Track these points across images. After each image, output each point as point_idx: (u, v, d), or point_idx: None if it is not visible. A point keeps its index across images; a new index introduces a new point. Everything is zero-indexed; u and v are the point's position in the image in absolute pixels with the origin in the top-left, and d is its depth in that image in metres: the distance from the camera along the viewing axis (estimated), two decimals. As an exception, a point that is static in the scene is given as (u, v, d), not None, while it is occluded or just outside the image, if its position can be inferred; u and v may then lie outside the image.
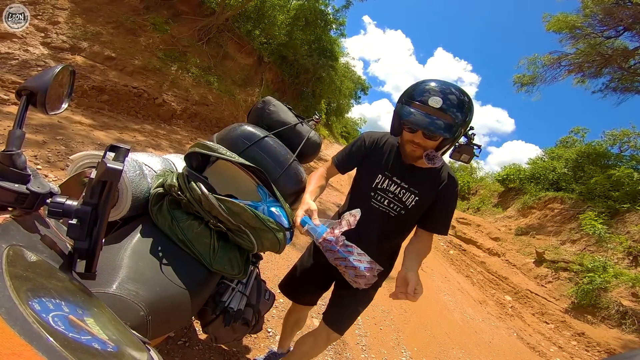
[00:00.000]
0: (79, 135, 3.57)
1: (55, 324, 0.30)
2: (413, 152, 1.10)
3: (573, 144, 11.64)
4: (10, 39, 4.59)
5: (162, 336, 0.90)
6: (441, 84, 1.02)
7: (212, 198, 0.94)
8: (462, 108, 1.00)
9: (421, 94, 1.01)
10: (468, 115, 1.02)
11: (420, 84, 1.05)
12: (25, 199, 0.45)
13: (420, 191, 1.16)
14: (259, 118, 1.33)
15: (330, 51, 13.87)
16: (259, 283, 1.29)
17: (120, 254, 0.81)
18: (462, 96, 1.01)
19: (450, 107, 0.98)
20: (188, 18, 7.92)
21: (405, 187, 1.17)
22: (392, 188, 1.19)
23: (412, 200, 1.18)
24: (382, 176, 1.19)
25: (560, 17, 9.13)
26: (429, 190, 1.16)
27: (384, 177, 1.19)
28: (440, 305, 3.95)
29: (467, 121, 1.03)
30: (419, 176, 1.16)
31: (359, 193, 1.28)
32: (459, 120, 1.00)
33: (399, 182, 1.18)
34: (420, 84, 1.05)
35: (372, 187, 1.21)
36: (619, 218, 6.64)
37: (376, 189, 1.21)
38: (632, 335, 4.25)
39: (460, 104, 1.00)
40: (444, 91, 0.99)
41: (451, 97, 0.99)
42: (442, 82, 1.03)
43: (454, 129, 0.99)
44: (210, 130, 7.15)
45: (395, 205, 1.20)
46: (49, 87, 0.50)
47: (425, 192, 1.16)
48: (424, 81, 1.06)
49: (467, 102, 1.02)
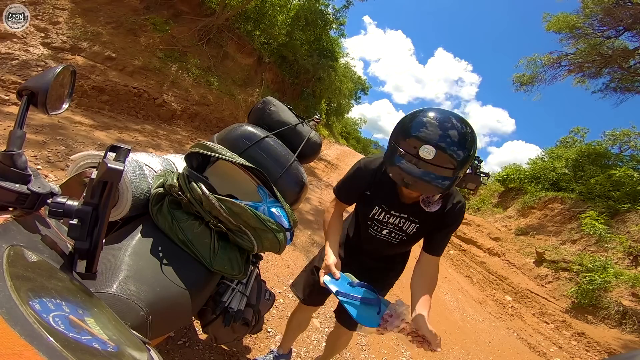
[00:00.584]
0: (79, 135, 3.57)
1: (56, 324, 0.30)
2: (409, 194, 1.05)
3: (573, 144, 11.63)
4: (10, 39, 4.59)
5: (162, 336, 0.90)
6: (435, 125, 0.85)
7: (213, 198, 0.94)
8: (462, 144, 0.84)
9: (411, 140, 0.87)
10: (470, 149, 0.86)
11: (410, 126, 0.89)
12: (26, 199, 0.45)
13: (421, 220, 1.12)
14: (259, 118, 1.33)
15: (331, 51, 13.87)
16: (259, 283, 1.29)
17: (120, 254, 0.81)
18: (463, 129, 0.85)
19: (447, 154, 0.83)
20: (188, 18, 7.92)
21: (405, 217, 1.13)
22: (390, 220, 1.15)
23: (413, 227, 1.14)
24: (379, 208, 1.15)
25: (560, 17, 9.13)
26: (432, 218, 1.11)
27: (381, 209, 1.15)
28: (440, 305, 3.94)
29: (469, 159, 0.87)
30: (418, 207, 1.10)
31: (358, 218, 1.28)
32: (458, 165, 0.85)
33: (397, 215, 1.13)
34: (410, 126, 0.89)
35: (368, 217, 1.18)
36: (619, 218, 6.64)
37: (373, 219, 1.18)
38: (632, 335, 4.25)
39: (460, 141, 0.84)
40: (438, 135, 0.83)
41: (448, 140, 0.83)
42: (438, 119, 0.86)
43: (452, 178, 0.86)
44: (210, 130, 7.15)
45: (396, 234, 1.18)
46: (50, 87, 0.50)
47: (428, 220, 1.11)
48: (415, 119, 0.89)
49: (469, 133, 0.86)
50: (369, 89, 25.16)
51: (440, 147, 0.83)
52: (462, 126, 0.86)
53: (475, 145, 0.89)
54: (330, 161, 12.37)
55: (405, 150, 0.88)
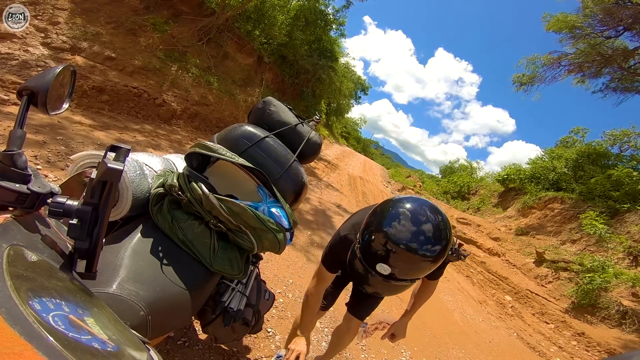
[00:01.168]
0: (79, 135, 3.57)
1: (56, 324, 0.30)
2: None
3: (573, 144, 11.63)
4: (10, 39, 4.59)
5: (162, 336, 0.90)
6: (396, 235, 0.81)
7: (213, 198, 0.94)
8: (436, 242, 0.81)
9: (370, 254, 0.86)
10: (444, 243, 0.83)
11: (371, 239, 0.86)
12: (26, 199, 0.45)
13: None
14: (259, 118, 1.33)
15: (330, 51, 13.87)
16: (259, 283, 1.29)
17: (120, 254, 0.81)
18: (432, 229, 0.81)
19: (405, 272, 0.84)
20: (188, 18, 7.92)
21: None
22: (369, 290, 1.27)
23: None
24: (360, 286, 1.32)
25: (560, 17, 9.12)
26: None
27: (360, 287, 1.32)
28: (440, 305, 3.94)
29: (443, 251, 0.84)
30: None
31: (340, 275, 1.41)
32: (428, 264, 0.83)
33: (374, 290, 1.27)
34: (370, 239, 0.86)
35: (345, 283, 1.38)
36: (619, 218, 6.64)
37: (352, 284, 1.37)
38: (632, 335, 4.25)
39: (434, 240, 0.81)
40: (397, 251, 0.81)
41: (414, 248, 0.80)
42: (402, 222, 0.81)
43: (415, 280, 0.90)
44: (210, 130, 7.15)
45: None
46: (50, 87, 0.50)
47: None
48: (378, 227, 0.85)
49: (441, 228, 0.82)
50: (368, 89, 25.15)
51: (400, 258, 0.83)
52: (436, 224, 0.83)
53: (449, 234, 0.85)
54: (330, 161, 12.38)
55: (366, 262, 0.89)
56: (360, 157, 21.04)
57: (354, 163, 15.62)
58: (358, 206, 7.41)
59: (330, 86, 14.22)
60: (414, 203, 0.85)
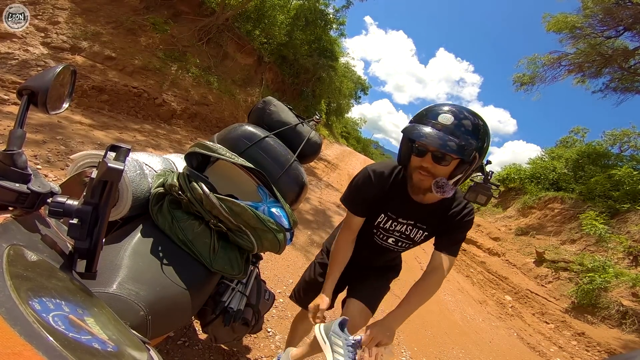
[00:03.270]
0: (79, 135, 3.57)
1: (56, 324, 0.30)
2: (421, 181, 0.98)
3: (573, 143, 11.64)
4: (10, 39, 4.59)
5: (162, 336, 0.90)
6: (454, 106, 0.95)
7: (213, 197, 0.94)
8: (476, 130, 0.92)
9: (432, 112, 0.95)
10: (484, 140, 0.94)
11: (432, 106, 0.98)
12: (26, 199, 0.45)
13: (427, 226, 1.12)
14: (259, 118, 1.33)
15: (331, 51, 13.86)
16: (259, 283, 1.29)
17: (120, 254, 0.81)
18: (476, 120, 0.94)
19: (462, 126, 0.91)
20: (188, 18, 7.92)
21: (412, 223, 1.12)
22: (397, 227, 1.14)
23: (420, 235, 1.14)
24: (385, 216, 1.13)
25: (560, 18, 9.12)
26: (437, 223, 1.10)
27: (387, 217, 1.13)
28: (440, 305, 3.94)
29: (482, 146, 0.94)
30: (428, 212, 1.09)
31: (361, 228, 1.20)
32: (472, 142, 0.91)
33: (404, 222, 1.12)
34: (432, 106, 0.99)
35: (374, 225, 1.16)
36: (619, 218, 6.64)
37: (378, 227, 1.16)
38: (632, 335, 4.25)
39: (474, 126, 0.93)
40: (456, 112, 0.93)
41: (464, 117, 0.92)
42: (456, 105, 0.97)
43: (467, 150, 0.90)
44: (210, 130, 7.15)
45: (402, 243, 1.17)
46: (50, 86, 0.50)
47: (434, 226, 1.11)
48: (437, 104, 1.00)
49: (482, 125, 0.94)
50: (369, 89, 25.15)
51: (458, 116, 0.92)
52: (475, 114, 0.96)
53: (489, 134, 0.97)
54: (330, 161, 12.37)
55: (427, 118, 0.95)
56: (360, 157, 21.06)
57: (354, 163, 15.62)
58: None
59: (330, 86, 14.22)
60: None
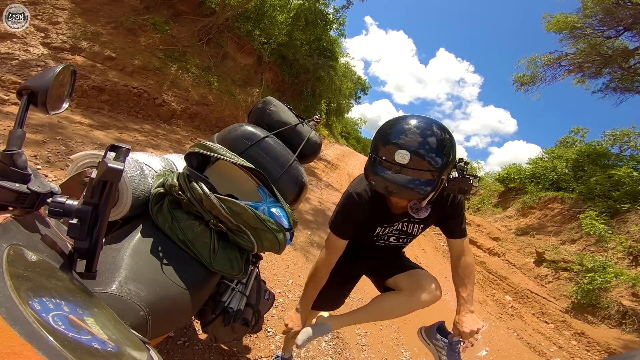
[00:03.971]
0: (79, 135, 3.57)
1: (56, 324, 0.30)
2: (397, 203, 1.08)
3: (573, 143, 11.63)
4: (10, 39, 4.59)
5: (162, 336, 0.90)
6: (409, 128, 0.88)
7: (214, 197, 0.94)
8: (440, 149, 0.87)
9: (387, 148, 0.90)
10: (449, 154, 0.90)
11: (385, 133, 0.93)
12: (26, 199, 0.45)
13: (422, 219, 1.17)
14: (259, 118, 1.33)
15: (330, 51, 13.87)
16: (259, 283, 1.29)
17: (120, 254, 0.81)
18: (436, 142, 0.87)
19: (421, 158, 0.86)
20: (188, 18, 7.92)
21: (406, 220, 1.18)
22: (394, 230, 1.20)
23: (417, 228, 1.21)
24: (381, 227, 1.20)
25: (560, 18, 9.12)
26: (432, 215, 1.14)
27: (382, 227, 1.20)
28: (441, 305, 3.94)
29: (448, 161, 0.90)
30: None
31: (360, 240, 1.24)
32: (438, 168, 0.87)
33: (398, 224, 1.19)
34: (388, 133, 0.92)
35: (372, 237, 1.23)
36: (619, 218, 6.64)
37: (377, 236, 1.23)
38: (632, 335, 4.25)
39: (435, 150, 0.86)
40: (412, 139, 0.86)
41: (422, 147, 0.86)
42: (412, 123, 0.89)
43: (434, 183, 0.88)
44: (210, 130, 7.15)
45: (402, 239, 1.23)
46: (50, 86, 0.50)
47: (428, 218, 1.15)
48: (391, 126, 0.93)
49: (447, 140, 0.89)
50: (368, 89, 25.14)
51: (416, 152, 0.86)
52: (440, 132, 0.89)
53: (454, 150, 0.93)
54: (330, 161, 12.38)
55: (384, 157, 0.91)
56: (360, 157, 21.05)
57: (354, 163, 15.62)
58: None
59: (330, 86, 14.22)
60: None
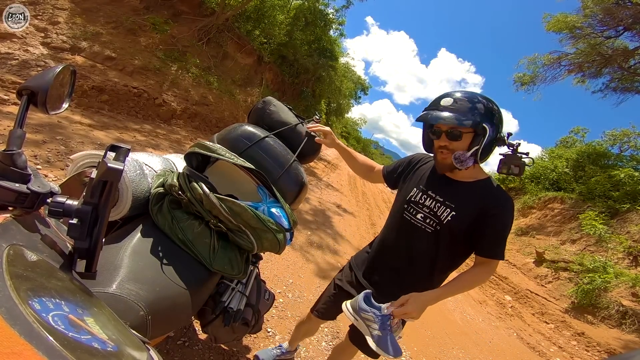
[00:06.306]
0: (79, 135, 3.57)
1: (55, 324, 0.30)
2: (444, 159, 1.08)
3: (573, 143, 11.64)
4: (10, 39, 4.59)
5: (162, 336, 0.90)
6: (457, 91, 1.08)
7: (214, 197, 0.94)
8: (476, 104, 1.03)
9: (437, 98, 1.09)
10: (488, 111, 1.03)
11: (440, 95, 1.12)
12: (26, 199, 0.45)
13: (456, 205, 1.09)
14: (259, 118, 1.33)
15: (330, 51, 13.87)
16: (259, 283, 1.29)
17: (120, 254, 0.81)
18: (475, 97, 1.05)
19: (463, 103, 1.02)
20: (188, 18, 7.92)
21: (441, 200, 1.12)
22: (427, 202, 1.15)
23: (447, 214, 1.10)
24: (417, 189, 1.19)
25: (560, 18, 9.13)
26: (467, 204, 1.08)
27: (419, 190, 1.18)
28: (440, 305, 3.94)
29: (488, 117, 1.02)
30: (455, 189, 1.12)
31: (394, 207, 1.30)
32: (474, 112, 1.01)
33: (433, 196, 1.13)
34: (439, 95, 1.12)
35: (406, 200, 1.20)
36: (619, 218, 6.64)
37: (410, 202, 1.19)
38: (632, 335, 4.25)
39: (475, 101, 1.03)
40: (458, 94, 1.05)
41: (464, 97, 1.04)
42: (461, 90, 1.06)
43: (471, 119, 1.00)
44: (210, 130, 7.15)
45: (430, 220, 1.14)
46: (50, 86, 0.50)
47: (463, 206, 1.09)
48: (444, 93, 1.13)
49: (483, 100, 1.04)
50: (369, 89, 25.14)
51: (460, 99, 1.03)
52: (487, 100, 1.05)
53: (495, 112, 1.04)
54: (330, 161, 12.37)
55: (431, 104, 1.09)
56: (360, 157, 20.99)
57: (354, 163, 15.57)
58: (358, 206, 7.41)
59: (330, 86, 14.23)
60: None
